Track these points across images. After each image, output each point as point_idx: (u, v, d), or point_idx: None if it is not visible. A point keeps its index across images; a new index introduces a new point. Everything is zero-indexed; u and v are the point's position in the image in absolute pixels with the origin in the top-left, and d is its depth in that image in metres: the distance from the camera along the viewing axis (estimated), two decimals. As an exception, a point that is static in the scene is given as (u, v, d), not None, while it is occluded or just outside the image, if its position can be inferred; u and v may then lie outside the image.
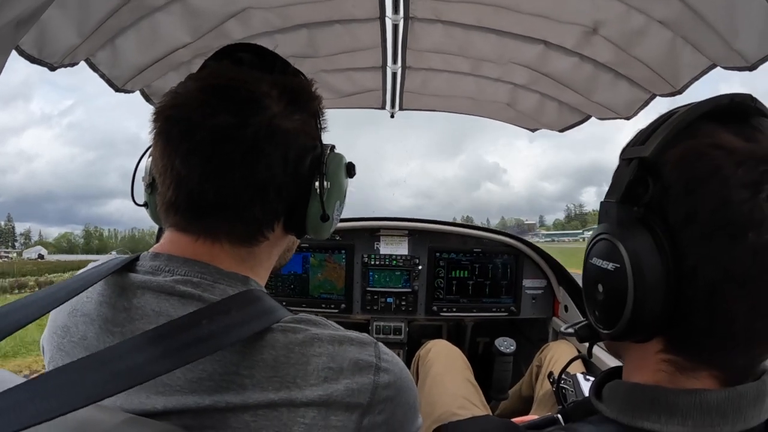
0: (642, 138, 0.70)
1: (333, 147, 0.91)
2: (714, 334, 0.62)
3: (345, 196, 0.97)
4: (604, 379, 0.79)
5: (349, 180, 0.98)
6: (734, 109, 0.66)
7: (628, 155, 0.70)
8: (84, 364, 0.61)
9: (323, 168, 0.86)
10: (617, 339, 0.71)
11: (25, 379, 0.65)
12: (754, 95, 0.67)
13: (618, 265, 0.66)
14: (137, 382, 0.59)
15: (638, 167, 0.67)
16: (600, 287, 0.71)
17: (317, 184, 0.86)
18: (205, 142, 0.76)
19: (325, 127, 0.92)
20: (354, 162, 0.97)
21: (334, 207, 0.92)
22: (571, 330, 0.94)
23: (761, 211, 0.57)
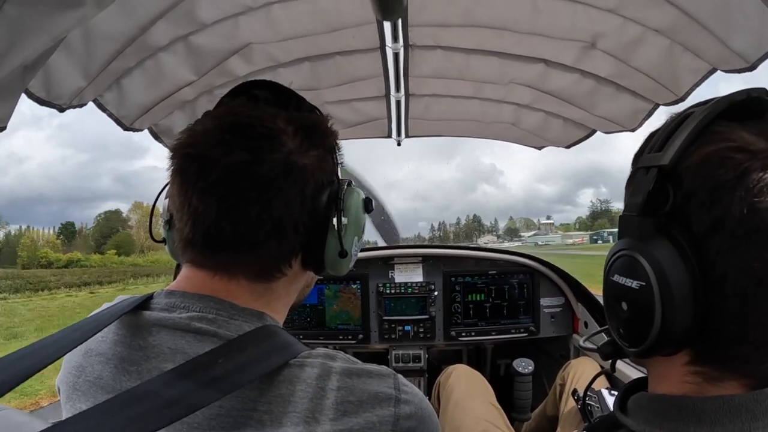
0: (658, 144, 0.67)
1: (350, 182, 0.91)
2: (745, 343, 0.60)
3: (363, 231, 0.97)
4: (628, 391, 0.76)
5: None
6: (750, 105, 0.64)
7: (645, 163, 0.67)
8: (100, 410, 0.62)
9: (340, 204, 0.86)
10: (644, 356, 0.68)
11: (39, 420, 0.65)
12: None
13: (643, 283, 0.63)
14: (155, 428, 0.59)
15: (657, 176, 0.64)
16: (624, 305, 0.68)
17: (335, 220, 0.86)
18: (222, 179, 0.77)
19: (342, 162, 0.92)
20: (349, 164, 0.96)
21: (353, 243, 0.91)
22: (590, 345, 0.90)
23: None
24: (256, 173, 0.77)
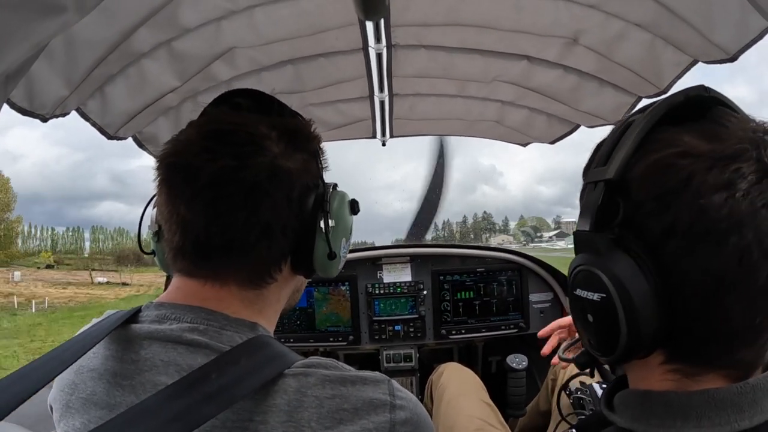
0: (603, 157, 0.69)
1: (335, 185, 0.92)
2: (715, 339, 0.62)
3: (351, 233, 0.98)
4: (614, 389, 0.78)
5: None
6: (689, 106, 0.66)
7: (592, 178, 0.69)
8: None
9: (327, 206, 0.87)
10: (618, 363, 0.70)
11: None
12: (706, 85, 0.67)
13: (603, 295, 0.65)
14: None
15: (605, 190, 0.66)
16: (590, 317, 0.70)
17: (322, 222, 0.86)
18: (208, 186, 0.77)
19: (326, 167, 0.93)
20: (346, 167, 0.97)
21: (341, 244, 0.92)
22: (569, 356, 0.92)
23: (739, 210, 0.57)
24: (243, 178, 0.77)
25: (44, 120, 1.32)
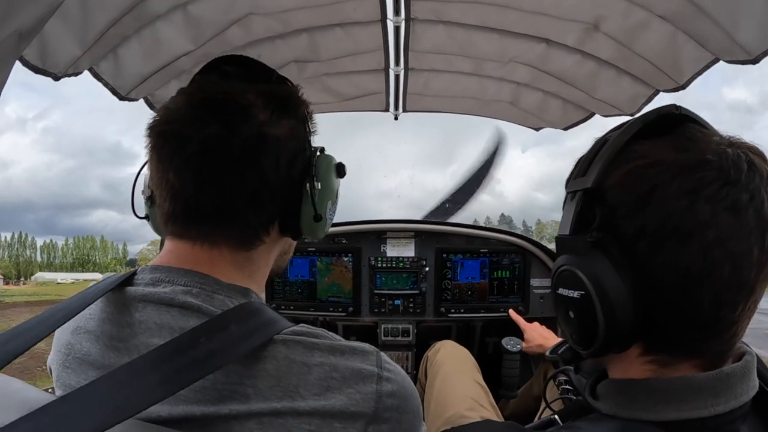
0: (582, 169, 0.76)
1: (323, 149, 0.94)
2: (687, 329, 0.68)
3: (337, 196, 1.00)
4: (598, 378, 0.83)
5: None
6: (661, 122, 0.74)
7: (572, 188, 0.77)
8: (84, 395, 0.62)
9: (313, 170, 0.89)
10: (598, 356, 0.77)
11: (33, 388, 0.66)
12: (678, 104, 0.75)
13: (582, 292, 0.72)
14: (137, 411, 0.60)
15: (584, 198, 0.74)
16: (571, 314, 0.77)
17: (308, 185, 0.89)
18: (196, 154, 0.79)
19: (315, 131, 0.95)
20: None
21: (326, 207, 0.94)
22: (554, 357, 0.98)
23: (703, 213, 0.64)
24: (230, 146, 0.79)
25: (56, 78, 1.32)
